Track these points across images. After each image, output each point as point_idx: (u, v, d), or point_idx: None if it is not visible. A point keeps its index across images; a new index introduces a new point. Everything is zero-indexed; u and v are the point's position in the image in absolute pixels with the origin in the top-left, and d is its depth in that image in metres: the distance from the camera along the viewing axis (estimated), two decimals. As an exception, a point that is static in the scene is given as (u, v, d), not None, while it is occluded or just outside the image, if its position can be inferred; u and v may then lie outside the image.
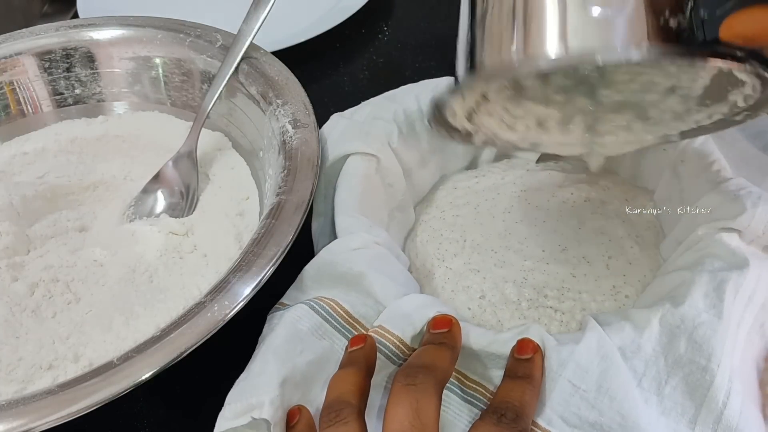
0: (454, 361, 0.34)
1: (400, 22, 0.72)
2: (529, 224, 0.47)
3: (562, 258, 0.44)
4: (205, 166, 0.53)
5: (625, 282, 0.43)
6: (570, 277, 0.43)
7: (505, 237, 0.46)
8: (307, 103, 0.49)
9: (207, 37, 0.56)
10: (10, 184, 0.50)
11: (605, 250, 0.44)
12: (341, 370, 0.35)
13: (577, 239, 0.45)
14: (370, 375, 0.34)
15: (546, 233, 0.46)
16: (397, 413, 0.30)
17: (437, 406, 0.31)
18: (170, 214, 0.49)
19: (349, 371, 0.34)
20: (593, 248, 0.45)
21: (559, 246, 0.45)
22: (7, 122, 0.57)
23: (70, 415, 0.33)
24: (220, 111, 0.54)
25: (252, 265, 0.38)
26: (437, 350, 0.34)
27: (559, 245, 0.45)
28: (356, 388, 0.33)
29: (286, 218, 0.41)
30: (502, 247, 0.45)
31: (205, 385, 0.44)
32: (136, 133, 0.56)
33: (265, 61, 0.52)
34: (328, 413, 0.32)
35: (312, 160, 0.44)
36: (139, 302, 0.43)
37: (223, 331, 0.36)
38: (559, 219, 0.47)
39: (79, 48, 0.57)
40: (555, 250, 0.45)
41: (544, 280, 0.43)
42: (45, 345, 0.41)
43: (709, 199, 0.40)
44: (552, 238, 0.46)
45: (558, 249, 0.45)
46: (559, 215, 0.47)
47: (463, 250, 0.46)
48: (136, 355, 0.35)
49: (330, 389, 0.33)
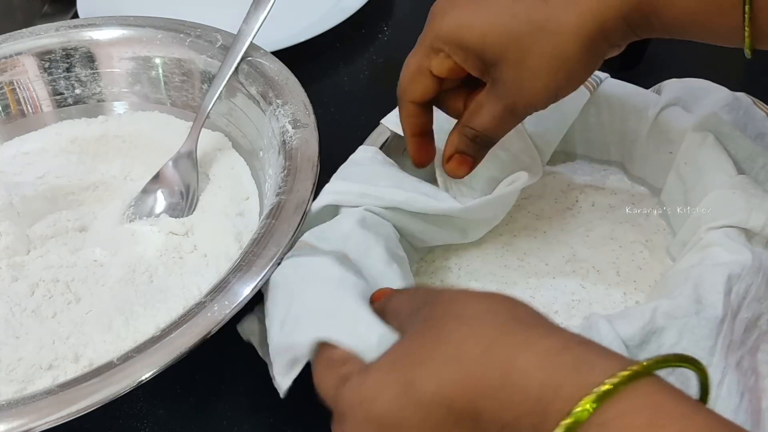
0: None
1: (400, 22, 0.72)
2: (528, 237, 0.46)
3: (569, 269, 0.44)
4: (205, 166, 0.53)
5: (635, 288, 0.42)
6: (580, 289, 0.43)
7: (503, 255, 0.45)
8: (307, 103, 0.49)
9: (207, 37, 0.56)
10: (10, 184, 0.50)
11: (615, 257, 0.44)
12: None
13: (585, 247, 0.45)
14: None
15: (548, 245, 0.45)
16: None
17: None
18: (170, 214, 0.49)
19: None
20: (602, 255, 0.44)
21: (563, 257, 0.44)
22: (7, 122, 0.57)
23: (70, 415, 0.33)
24: (220, 111, 0.54)
25: (252, 265, 0.38)
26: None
27: (563, 256, 0.45)
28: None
29: (286, 218, 0.41)
30: (500, 267, 0.44)
31: (205, 385, 0.44)
32: (136, 133, 0.56)
33: (265, 61, 0.52)
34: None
35: (312, 160, 0.44)
36: (139, 302, 0.43)
37: (223, 331, 0.36)
38: (563, 228, 0.46)
39: (79, 48, 0.57)
40: (560, 262, 0.44)
41: (553, 296, 0.42)
42: (45, 345, 0.41)
43: (712, 198, 0.40)
44: (555, 249, 0.45)
45: (563, 260, 0.44)
46: (563, 224, 0.46)
47: (458, 280, 0.44)
48: (136, 355, 0.35)
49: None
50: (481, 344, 0.25)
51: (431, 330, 0.27)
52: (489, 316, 0.26)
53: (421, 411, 0.25)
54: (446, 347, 0.25)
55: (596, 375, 0.22)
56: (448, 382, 0.25)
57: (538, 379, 0.23)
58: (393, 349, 0.28)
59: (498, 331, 0.25)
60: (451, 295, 0.28)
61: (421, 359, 0.26)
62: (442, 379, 0.25)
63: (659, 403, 0.22)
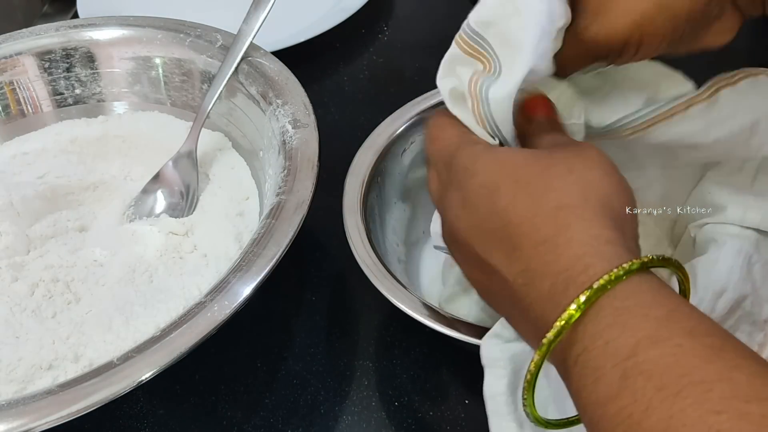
0: None
1: (400, 22, 0.72)
2: None
3: None
4: (205, 166, 0.53)
5: None
6: None
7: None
8: (307, 103, 0.49)
9: (207, 37, 0.56)
10: (10, 184, 0.50)
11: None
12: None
13: None
14: None
15: None
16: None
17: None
18: (170, 214, 0.49)
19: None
20: None
21: None
22: (7, 122, 0.57)
23: (70, 415, 0.33)
24: (220, 111, 0.54)
25: (252, 265, 0.38)
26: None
27: None
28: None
29: (286, 218, 0.41)
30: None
31: (205, 385, 0.44)
32: (136, 133, 0.56)
33: (265, 61, 0.52)
34: None
35: (312, 160, 0.44)
36: (139, 302, 0.43)
37: (223, 331, 0.36)
38: None
39: (79, 48, 0.57)
40: None
41: None
42: (45, 345, 0.41)
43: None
44: None
45: None
46: None
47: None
48: (136, 355, 0.35)
49: None
50: (560, 201, 0.28)
51: (547, 163, 0.30)
52: (586, 187, 0.29)
53: (490, 214, 0.29)
54: (539, 186, 0.29)
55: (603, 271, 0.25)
56: (520, 208, 0.29)
57: (575, 253, 0.26)
58: (521, 155, 0.31)
59: (580, 201, 0.28)
60: (587, 150, 0.30)
61: (518, 176, 0.29)
62: (516, 204, 0.29)
63: (654, 290, 0.25)
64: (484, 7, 0.33)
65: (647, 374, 0.23)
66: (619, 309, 0.25)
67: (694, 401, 0.21)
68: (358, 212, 0.44)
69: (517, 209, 0.29)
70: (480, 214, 0.30)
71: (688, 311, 0.25)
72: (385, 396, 0.43)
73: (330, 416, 0.42)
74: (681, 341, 0.23)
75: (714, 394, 0.21)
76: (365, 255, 0.41)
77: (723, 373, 0.22)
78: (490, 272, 0.30)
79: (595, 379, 0.24)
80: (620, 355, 0.23)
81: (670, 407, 0.21)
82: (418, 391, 0.43)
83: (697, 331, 0.23)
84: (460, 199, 0.31)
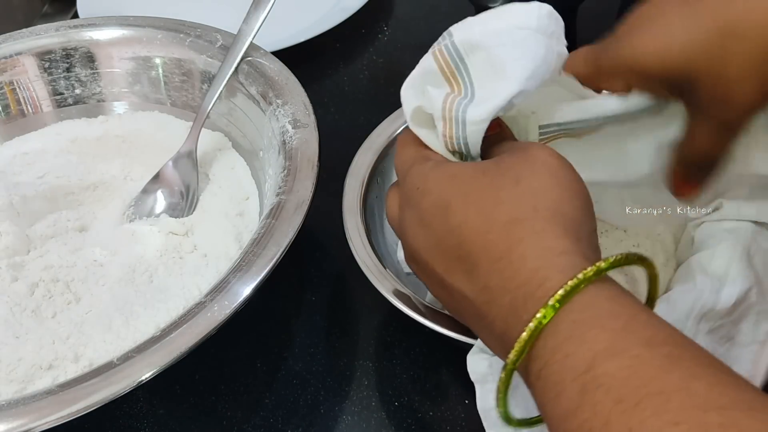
0: None
1: (400, 22, 0.72)
2: None
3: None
4: (205, 166, 0.53)
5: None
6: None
7: None
8: (307, 103, 0.49)
9: (207, 37, 0.56)
10: (10, 184, 0.50)
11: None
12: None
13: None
14: None
15: None
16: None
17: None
18: (170, 214, 0.49)
19: None
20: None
21: None
22: (7, 122, 0.57)
23: (70, 415, 0.33)
24: (220, 111, 0.54)
25: (252, 265, 0.38)
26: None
27: None
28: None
29: (286, 218, 0.41)
30: None
31: (205, 385, 0.44)
32: (136, 133, 0.56)
33: (265, 61, 0.52)
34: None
35: (312, 160, 0.44)
36: (139, 302, 0.43)
37: (223, 331, 0.36)
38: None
39: (79, 48, 0.57)
40: None
41: None
42: (45, 345, 0.41)
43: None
44: None
45: None
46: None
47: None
48: (136, 355, 0.35)
49: None
50: (510, 215, 0.28)
51: (495, 174, 0.30)
52: (535, 196, 0.28)
53: (445, 233, 0.29)
54: (489, 201, 0.29)
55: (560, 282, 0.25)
56: (473, 226, 0.29)
57: (530, 267, 0.26)
58: (469, 168, 0.31)
59: (530, 213, 0.28)
60: (534, 155, 0.30)
61: (467, 192, 0.29)
62: (468, 221, 0.29)
63: (612, 299, 0.25)
64: (476, 28, 0.33)
65: (605, 387, 0.22)
66: (577, 322, 0.25)
67: (653, 413, 0.21)
68: (358, 212, 0.44)
69: (470, 226, 0.29)
70: (436, 234, 0.30)
71: (645, 319, 0.24)
72: (385, 396, 0.43)
73: (330, 416, 0.42)
74: (638, 352, 0.23)
75: (673, 405, 0.21)
76: (365, 255, 0.42)
77: (681, 383, 0.22)
78: (452, 290, 0.30)
79: (556, 393, 0.24)
80: (579, 369, 0.23)
81: (629, 420, 0.21)
82: (418, 391, 0.43)
83: (655, 341, 0.23)
84: (416, 219, 0.31)
